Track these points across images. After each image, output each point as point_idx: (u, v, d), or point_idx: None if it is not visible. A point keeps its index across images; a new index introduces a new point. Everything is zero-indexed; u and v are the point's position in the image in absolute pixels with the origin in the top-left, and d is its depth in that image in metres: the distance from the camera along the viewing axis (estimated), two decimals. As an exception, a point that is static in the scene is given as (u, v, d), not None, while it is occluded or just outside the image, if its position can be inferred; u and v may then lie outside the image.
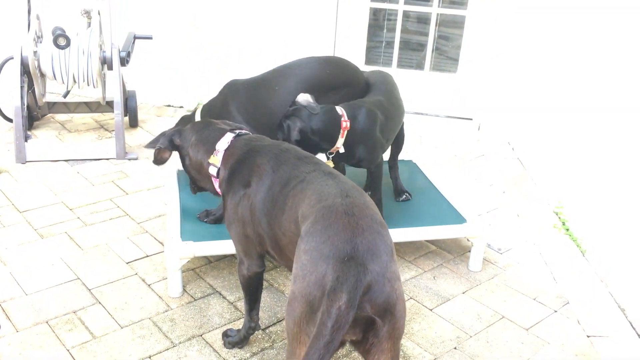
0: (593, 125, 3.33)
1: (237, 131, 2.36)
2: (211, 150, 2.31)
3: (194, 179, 2.47)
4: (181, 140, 2.43)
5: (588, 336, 2.64)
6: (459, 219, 3.06)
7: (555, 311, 2.79)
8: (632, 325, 2.71)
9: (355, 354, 2.44)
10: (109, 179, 3.81)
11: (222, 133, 2.33)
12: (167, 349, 2.43)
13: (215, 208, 2.92)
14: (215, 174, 2.29)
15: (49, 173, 3.84)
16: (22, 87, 3.96)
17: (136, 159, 4.09)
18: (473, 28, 4.78)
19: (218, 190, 2.33)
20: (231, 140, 2.29)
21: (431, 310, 2.76)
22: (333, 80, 3.00)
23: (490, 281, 2.99)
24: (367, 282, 1.55)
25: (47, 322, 2.55)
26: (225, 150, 2.28)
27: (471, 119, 4.94)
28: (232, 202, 2.20)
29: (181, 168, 3.39)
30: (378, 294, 1.58)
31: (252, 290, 2.33)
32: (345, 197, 1.78)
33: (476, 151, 4.57)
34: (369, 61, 5.05)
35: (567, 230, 3.45)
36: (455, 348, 2.54)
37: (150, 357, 2.39)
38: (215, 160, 2.28)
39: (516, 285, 2.96)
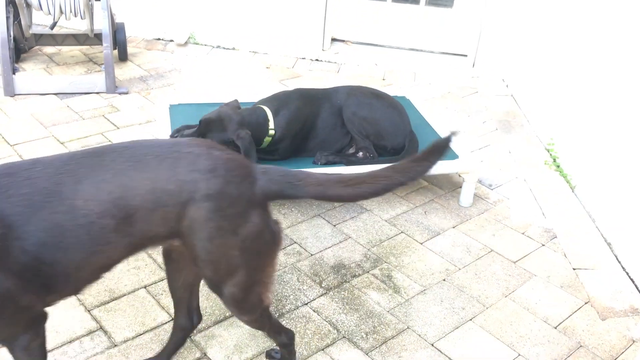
0: (586, 63, 3.30)
1: None
2: None
3: None
4: None
5: (574, 269, 2.70)
6: (451, 154, 3.06)
7: (543, 245, 2.85)
8: (617, 259, 2.77)
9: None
10: (100, 112, 3.78)
11: None
12: (162, 280, 2.47)
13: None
14: None
15: (38, 106, 3.80)
16: (7, 18, 3.86)
17: (127, 93, 4.04)
18: (470, -39, 4.66)
19: None
20: None
21: (421, 244, 2.81)
22: None
23: (480, 216, 3.03)
24: None
25: (42, 254, 2.57)
26: None
27: (466, 55, 4.88)
28: None
29: (174, 103, 3.39)
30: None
31: None
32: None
33: (470, 88, 4.54)
34: (363, -6, 4.94)
35: (558, 166, 3.48)
36: (444, 280, 2.60)
37: (145, 287, 2.43)
38: None
39: (505, 220, 3.01)
